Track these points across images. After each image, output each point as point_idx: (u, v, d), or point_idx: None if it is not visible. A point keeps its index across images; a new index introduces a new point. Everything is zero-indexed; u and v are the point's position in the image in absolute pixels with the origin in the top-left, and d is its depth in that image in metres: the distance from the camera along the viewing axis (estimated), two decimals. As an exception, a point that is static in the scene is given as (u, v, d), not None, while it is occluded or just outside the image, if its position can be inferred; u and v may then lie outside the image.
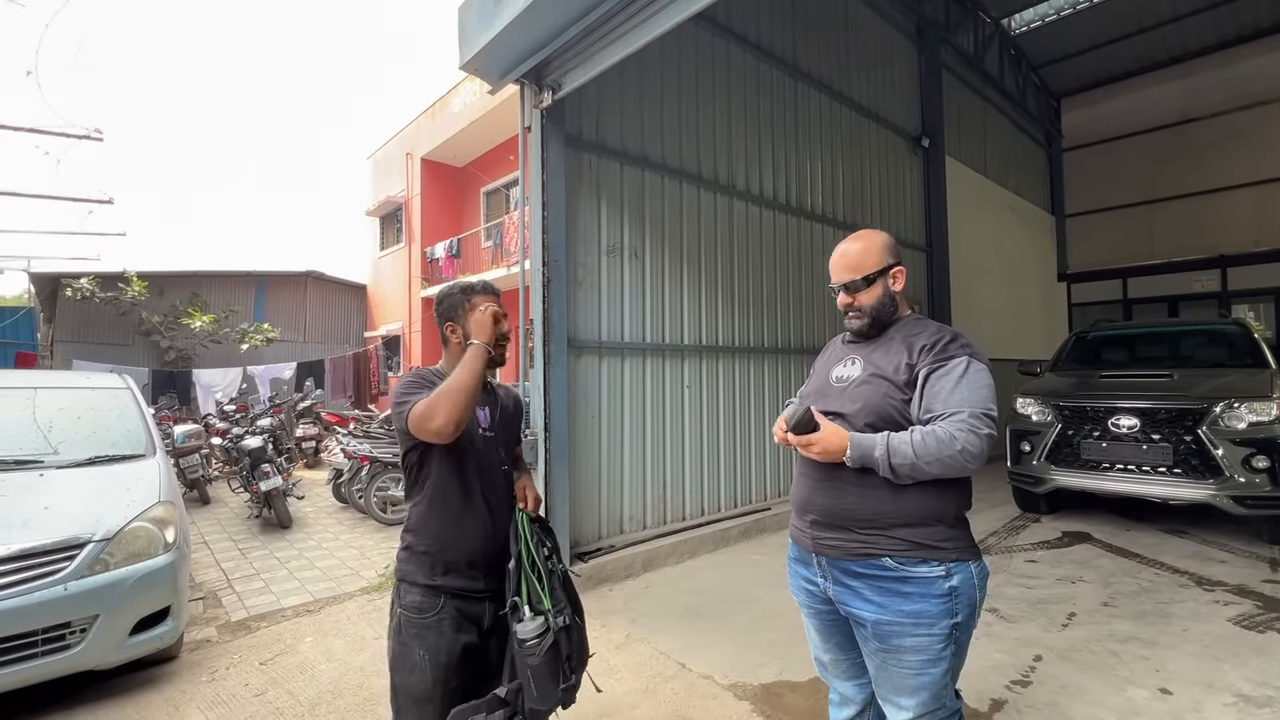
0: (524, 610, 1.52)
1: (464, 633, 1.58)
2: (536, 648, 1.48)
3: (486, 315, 1.64)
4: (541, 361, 3.84)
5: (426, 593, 1.57)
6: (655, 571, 4.28)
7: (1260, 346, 5.17)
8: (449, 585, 1.58)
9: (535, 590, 1.55)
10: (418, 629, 1.55)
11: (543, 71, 3.77)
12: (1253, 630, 3.10)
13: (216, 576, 4.65)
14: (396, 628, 1.59)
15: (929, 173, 8.30)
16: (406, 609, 1.58)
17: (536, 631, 1.49)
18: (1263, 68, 10.84)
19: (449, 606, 1.57)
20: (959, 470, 1.39)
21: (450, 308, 1.71)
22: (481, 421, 1.68)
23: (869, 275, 1.61)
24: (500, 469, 1.70)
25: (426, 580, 1.58)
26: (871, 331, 1.64)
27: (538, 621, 1.50)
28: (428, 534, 1.61)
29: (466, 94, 11.79)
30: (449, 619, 1.56)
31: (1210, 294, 11.37)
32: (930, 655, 1.44)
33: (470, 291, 1.72)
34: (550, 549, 1.65)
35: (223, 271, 15.31)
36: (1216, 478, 4.23)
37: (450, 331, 1.70)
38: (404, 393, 1.58)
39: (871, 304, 1.62)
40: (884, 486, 1.46)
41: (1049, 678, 2.70)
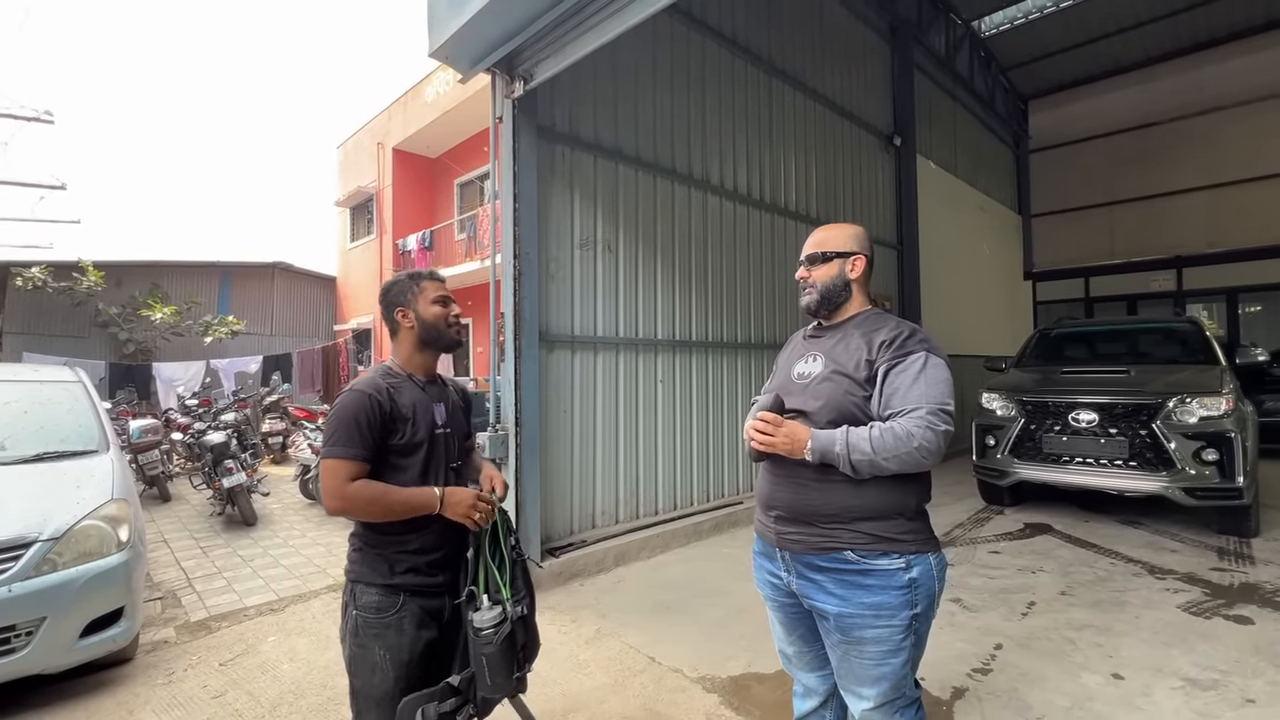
0: (481, 599, 1.50)
1: (425, 629, 1.57)
2: (493, 636, 1.46)
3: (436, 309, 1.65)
4: (513, 355, 3.80)
5: (385, 592, 1.54)
6: (627, 566, 4.28)
7: (1211, 344, 5.37)
8: (407, 583, 1.56)
9: (495, 579, 1.53)
10: (377, 629, 1.53)
11: (514, 61, 3.71)
12: (1200, 617, 3.22)
13: (176, 576, 4.52)
14: (354, 629, 1.55)
15: (901, 171, 8.42)
16: (364, 610, 1.54)
17: (494, 621, 1.47)
18: (1217, 75, 11.24)
19: (409, 604, 1.55)
20: (916, 465, 1.41)
21: (399, 294, 1.67)
22: (438, 418, 1.65)
23: (828, 253, 1.66)
24: (455, 464, 1.68)
25: (384, 580, 1.55)
26: (821, 310, 1.67)
27: (495, 611, 1.48)
28: (383, 534, 1.57)
29: (440, 83, 11.58)
30: (409, 616, 1.54)
31: (1167, 293, 11.78)
32: (890, 646, 1.47)
33: (418, 277, 1.69)
34: (516, 540, 1.65)
35: (185, 262, 14.82)
36: (1169, 470, 4.39)
37: (401, 316, 1.66)
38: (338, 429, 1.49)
39: (824, 281, 1.65)
40: (845, 482, 1.47)
41: (1008, 665, 2.77)
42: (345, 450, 1.46)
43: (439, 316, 1.66)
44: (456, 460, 1.69)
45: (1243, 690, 2.51)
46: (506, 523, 1.66)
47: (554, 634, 3.23)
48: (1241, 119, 11.03)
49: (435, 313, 1.66)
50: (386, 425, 1.53)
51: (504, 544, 1.57)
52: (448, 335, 1.68)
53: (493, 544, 1.58)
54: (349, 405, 1.50)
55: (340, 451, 1.46)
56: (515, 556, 1.60)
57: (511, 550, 1.59)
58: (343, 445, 1.47)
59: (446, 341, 1.68)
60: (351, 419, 1.48)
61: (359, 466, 1.47)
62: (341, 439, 1.47)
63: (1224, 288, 11.25)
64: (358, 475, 1.47)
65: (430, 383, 1.68)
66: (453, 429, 1.69)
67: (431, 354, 1.69)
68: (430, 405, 1.62)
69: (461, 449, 1.74)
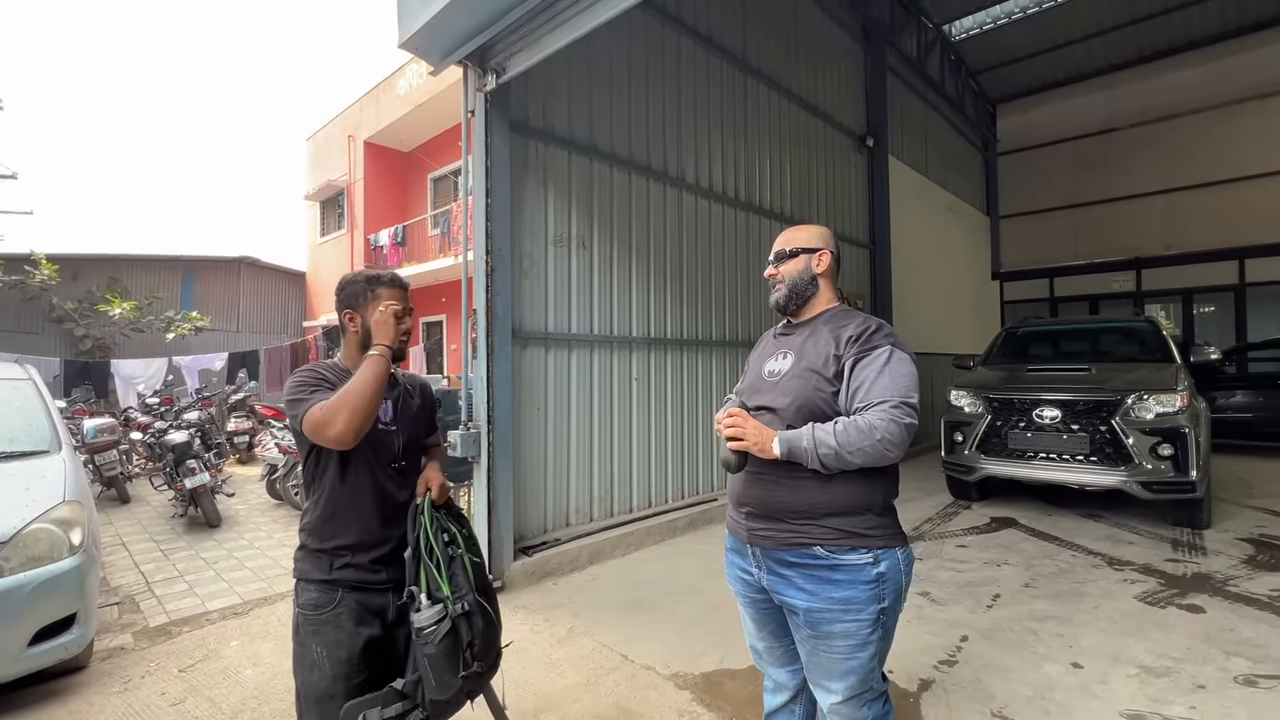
0: (421, 599, 1.48)
1: (365, 626, 1.55)
2: (432, 636, 1.43)
3: (388, 315, 1.56)
4: (485, 353, 3.75)
5: (322, 588, 1.54)
6: (601, 564, 4.27)
7: (1168, 343, 5.55)
8: (346, 579, 1.55)
9: (434, 577, 1.50)
10: (315, 625, 1.52)
11: (486, 54, 3.66)
12: (1155, 606, 3.33)
13: (134, 580, 4.37)
14: (295, 627, 1.56)
15: (873, 171, 8.55)
16: (303, 607, 1.55)
17: (433, 619, 1.45)
18: (1174, 83, 11.66)
19: (347, 600, 1.54)
20: (880, 459, 1.42)
21: (352, 295, 1.64)
22: (382, 415, 1.62)
23: (794, 249, 1.69)
24: (399, 463, 1.65)
25: (322, 576, 1.55)
26: (790, 305, 1.69)
27: (435, 609, 1.46)
28: (324, 532, 1.57)
29: (413, 76, 11.40)
30: (347, 613, 1.53)
31: (1127, 294, 12.19)
32: (859, 640, 1.48)
33: (375, 282, 1.64)
34: (453, 536, 1.60)
35: (146, 255, 14.34)
36: (1127, 465, 4.53)
37: (349, 319, 1.64)
38: (299, 391, 1.52)
39: (791, 275, 1.68)
40: (814, 478, 1.48)
41: (973, 657, 2.83)
42: (310, 400, 1.48)
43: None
44: (400, 460, 1.65)
45: (1193, 677, 2.60)
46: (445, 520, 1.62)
47: (526, 634, 3.20)
48: (1196, 126, 11.46)
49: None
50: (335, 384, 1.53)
51: (436, 541, 1.53)
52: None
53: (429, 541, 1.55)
54: (298, 377, 1.56)
55: (307, 404, 1.47)
56: (454, 554, 1.56)
57: (447, 547, 1.55)
58: (307, 398, 1.49)
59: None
60: (303, 382, 1.54)
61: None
62: (304, 396, 1.50)
63: (1180, 289, 11.69)
64: None
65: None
66: (401, 427, 1.66)
67: None
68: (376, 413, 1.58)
69: (409, 448, 1.70)
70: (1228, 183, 11.09)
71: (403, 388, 1.74)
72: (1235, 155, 11.01)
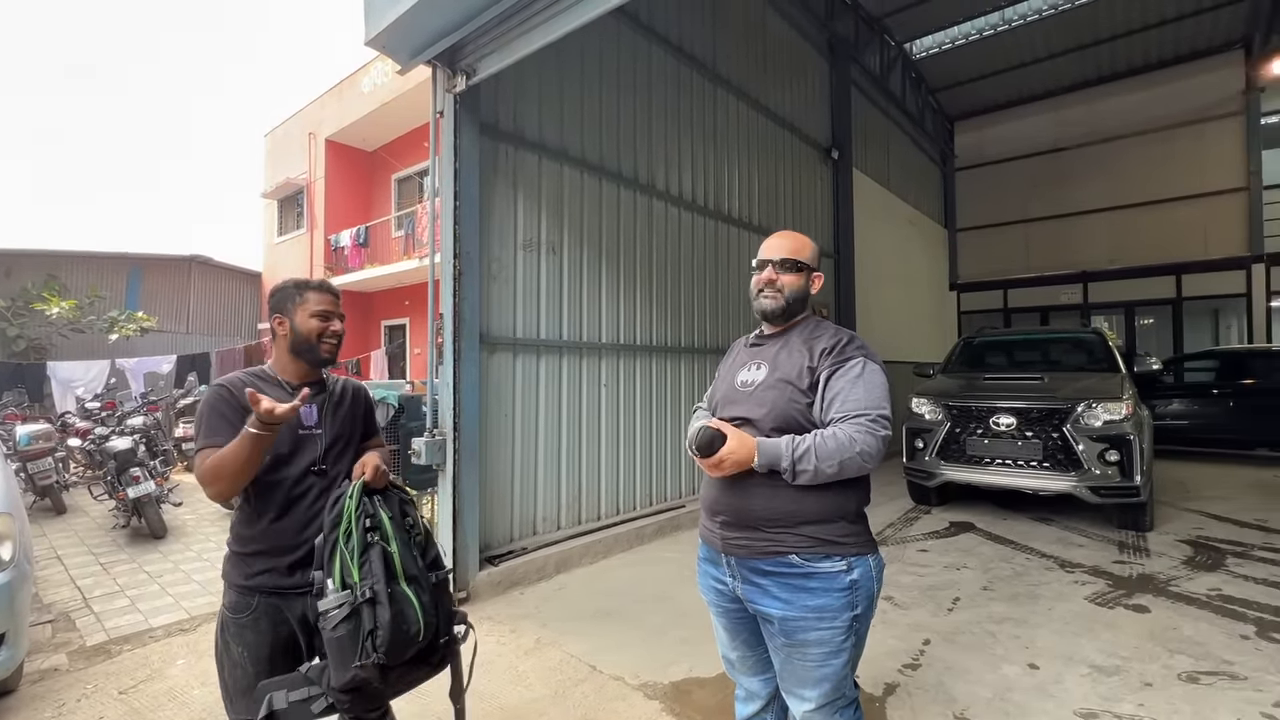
0: (327, 584, 1.45)
1: (283, 627, 1.60)
2: (331, 620, 1.41)
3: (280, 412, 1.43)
4: (452, 358, 3.68)
5: (241, 592, 1.59)
6: (568, 573, 4.22)
7: (1114, 353, 5.82)
8: (262, 585, 1.59)
9: (348, 564, 1.46)
10: (236, 628, 1.58)
11: (457, 54, 3.60)
12: (1104, 607, 3.47)
13: (70, 596, 4.12)
14: (220, 625, 1.61)
15: (838, 183, 8.74)
16: (227, 608, 1.61)
17: (335, 604, 1.42)
18: (1116, 107, 12.30)
19: (263, 605, 1.58)
20: (857, 470, 1.44)
21: (281, 300, 1.68)
22: (305, 419, 1.65)
23: (801, 263, 1.67)
24: (319, 467, 1.64)
25: (241, 580, 1.59)
26: (780, 316, 1.68)
27: (341, 595, 1.42)
28: (244, 537, 1.61)
29: (377, 74, 11.17)
30: (265, 617, 1.58)
31: (1074, 306, 12.75)
32: (832, 647, 1.49)
33: (304, 287, 1.69)
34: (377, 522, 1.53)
35: (87, 252, 13.64)
36: (1077, 470, 4.72)
37: (278, 324, 1.67)
38: (200, 423, 1.55)
39: (793, 289, 1.66)
40: (790, 487, 1.49)
41: (936, 660, 2.89)
42: (206, 440, 1.53)
43: (313, 331, 1.65)
44: (324, 463, 1.65)
45: (1141, 675, 2.71)
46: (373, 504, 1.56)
47: (493, 645, 3.13)
48: (1137, 148, 12.10)
49: (311, 326, 1.65)
50: (243, 416, 1.50)
51: (356, 526, 1.49)
52: (319, 350, 1.67)
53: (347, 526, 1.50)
54: (207, 398, 1.59)
55: (203, 442, 1.53)
56: (372, 540, 1.50)
57: (367, 533, 1.50)
58: (205, 436, 1.53)
59: (316, 355, 1.67)
60: (209, 410, 1.56)
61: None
62: (203, 431, 1.54)
63: (1123, 301, 12.29)
64: None
65: (305, 384, 1.67)
66: (326, 430, 1.68)
67: (304, 363, 1.69)
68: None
69: (335, 451, 1.68)
70: (1166, 202, 11.73)
71: (330, 391, 1.75)
72: (1173, 177, 11.66)
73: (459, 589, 3.61)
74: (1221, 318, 12.60)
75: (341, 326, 1.72)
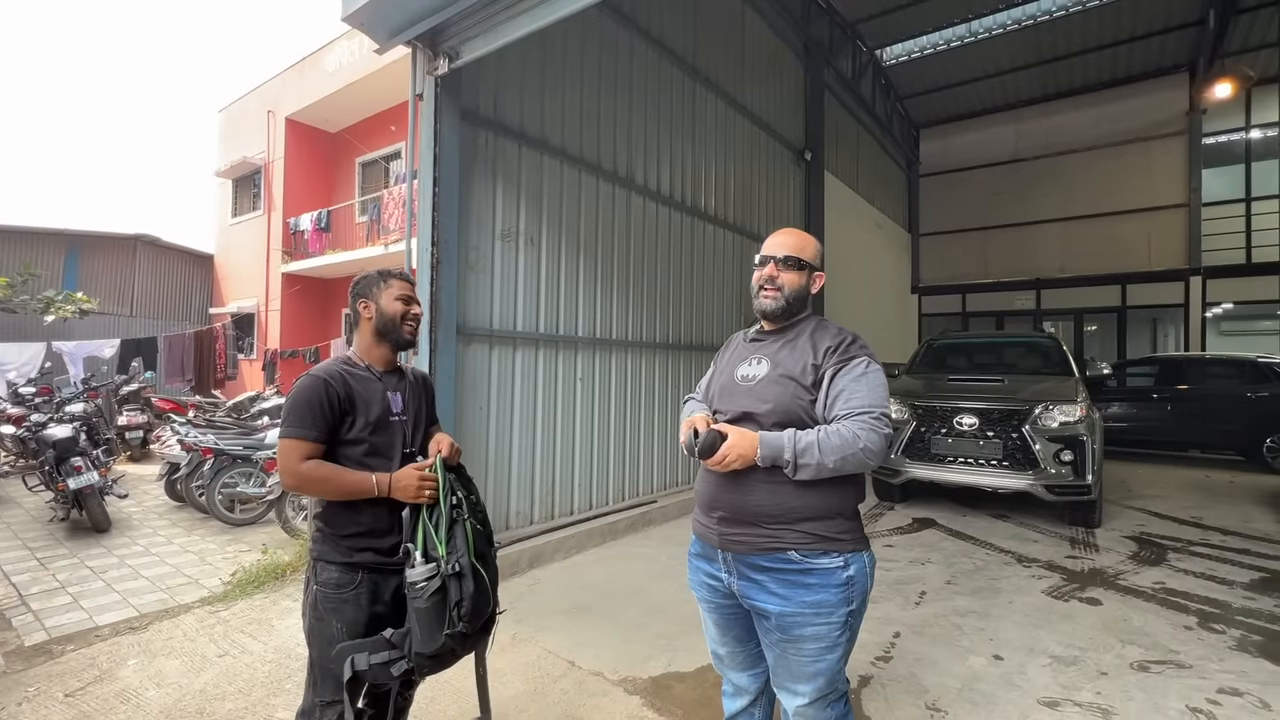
0: (416, 556, 1.53)
1: (379, 604, 1.64)
2: (423, 591, 1.49)
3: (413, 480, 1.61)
4: (428, 348, 3.58)
5: (344, 569, 1.62)
6: (542, 568, 4.18)
7: (1068, 357, 6.09)
8: (365, 561, 1.63)
9: (431, 537, 1.56)
10: (335, 604, 1.60)
11: (440, 36, 3.50)
12: (1060, 600, 3.63)
13: (4, 593, 3.87)
14: (313, 603, 1.63)
15: (809, 184, 8.87)
16: (324, 585, 1.61)
17: (425, 575, 1.50)
18: (1071, 122, 12.85)
19: (366, 580, 1.62)
20: (860, 466, 1.46)
21: (366, 286, 1.77)
22: (394, 406, 1.72)
23: (803, 261, 1.67)
24: (411, 449, 1.73)
25: (343, 558, 1.62)
26: (780, 316, 1.67)
27: (428, 566, 1.51)
28: (339, 520, 1.64)
29: (343, 53, 10.77)
30: (365, 593, 1.62)
31: (1028, 311, 13.29)
32: (828, 642, 1.51)
33: (388, 275, 1.79)
34: (460, 500, 1.64)
35: (20, 227, 12.77)
36: (1034, 469, 4.92)
37: (364, 308, 1.75)
38: (296, 412, 1.59)
39: (793, 288, 1.66)
40: (790, 483, 1.50)
41: (906, 652, 2.97)
42: (300, 430, 1.56)
43: (397, 313, 1.74)
44: (412, 446, 1.74)
45: (1097, 664, 2.84)
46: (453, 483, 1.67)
47: (467, 642, 3.07)
48: (1089, 163, 12.67)
49: (395, 309, 1.74)
50: (342, 409, 1.62)
51: (443, 501, 1.60)
52: (401, 331, 1.76)
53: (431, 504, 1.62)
54: (306, 388, 1.61)
55: (295, 431, 1.56)
56: (457, 516, 1.60)
57: (453, 510, 1.60)
58: (297, 426, 1.57)
59: (399, 337, 1.76)
60: (306, 401, 1.59)
61: (313, 446, 1.57)
62: (295, 420, 1.57)
63: (1072, 308, 12.88)
64: (312, 455, 1.57)
65: (388, 373, 1.77)
66: (410, 417, 1.76)
67: (388, 346, 1.77)
68: (385, 394, 1.71)
69: (420, 436, 1.79)
70: (1114, 215, 12.33)
71: (409, 379, 1.82)
72: (1121, 191, 12.26)
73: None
74: (1159, 326, 13.34)
75: (420, 310, 1.84)
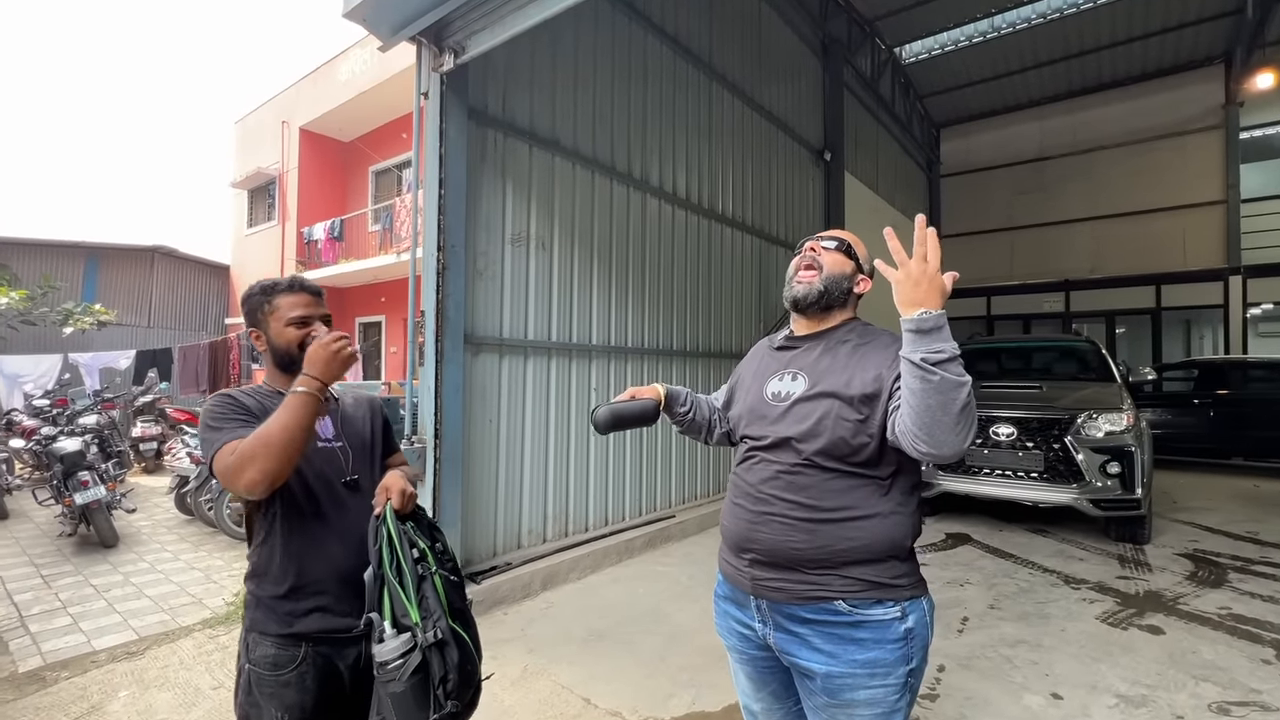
0: (384, 627, 1.23)
1: (333, 680, 1.34)
2: (398, 671, 1.20)
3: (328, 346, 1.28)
4: (434, 359, 3.40)
5: (283, 644, 1.32)
6: (556, 590, 3.96)
7: (1109, 363, 5.75)
8: (309, 630, 1.33)
9: (400, 600, 1.25)
10: (273, 687, 1.30)
11: (444, 30, 3.33)
12: (1117, 628, 3.33)
13: (5, 613, 3.76)
14: (246, 685, 1.32)
15: (829, 185, 8.61)
16: (257, 665, 1.31)
17: (399, 651, 1.21)
18: (1100, 118, 12.41)
19: (311, 655, 1.32)
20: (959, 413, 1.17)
21: (250, 311, 1.45)
22: (322, 432, 1.43)
23: (852, 250, 1.51)
24: (351, 478, 1.44)
25: (281, 629, 1.32)
26: (814, 305, 1.45)
27: (401, 639, 1.22)
28: (276, 574, 1.34)
29: (355, 62, 10.75)
30: (312, 671, 1.32)
31: (1056, 314, 12.84)
32: (885, 708, 1.27)
33: (270, 291, 1.43)
34: (423, 551, 1.34)
35: (40, 240, 12.95)
36: (1079, 482, 4.61)
37: (255, 339, 1.46)
38: (210, 424, 1.30)
39: (834, 272, 1.46)
40: (834, 520, 1.27)
41: (954, 689, 2.71)
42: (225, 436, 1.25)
43: (292, 341, 1.41)
44: (354, 475, 1.45)
45: (1170, 705, 2.55)
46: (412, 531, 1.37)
47: (474, 674, 2.87)
48: (1119, 159, 12.22)
49: (288, 337, 1.41)
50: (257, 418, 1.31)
51: (404, 557, 1.29)
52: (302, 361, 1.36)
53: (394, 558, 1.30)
54: (214, 405, 1.35)
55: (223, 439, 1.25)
56: (424, 571, 1.30)
57: (416, 564, 1.31)
58: (221, 435, 1.26)
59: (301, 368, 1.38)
60: (220, 415, 1.31)
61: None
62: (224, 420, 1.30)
63: (1103, 310, 12.40)
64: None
65: None
66: (347, 443, 1.47)
67: (295, 376, 1.37)
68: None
69: (370, 464, 1.51)
70: (1146, 213, 11.87)
71: (342, 404, 1.54)
72: (1153, 188, 11.80)
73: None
74: (1194, 328, 12.82)
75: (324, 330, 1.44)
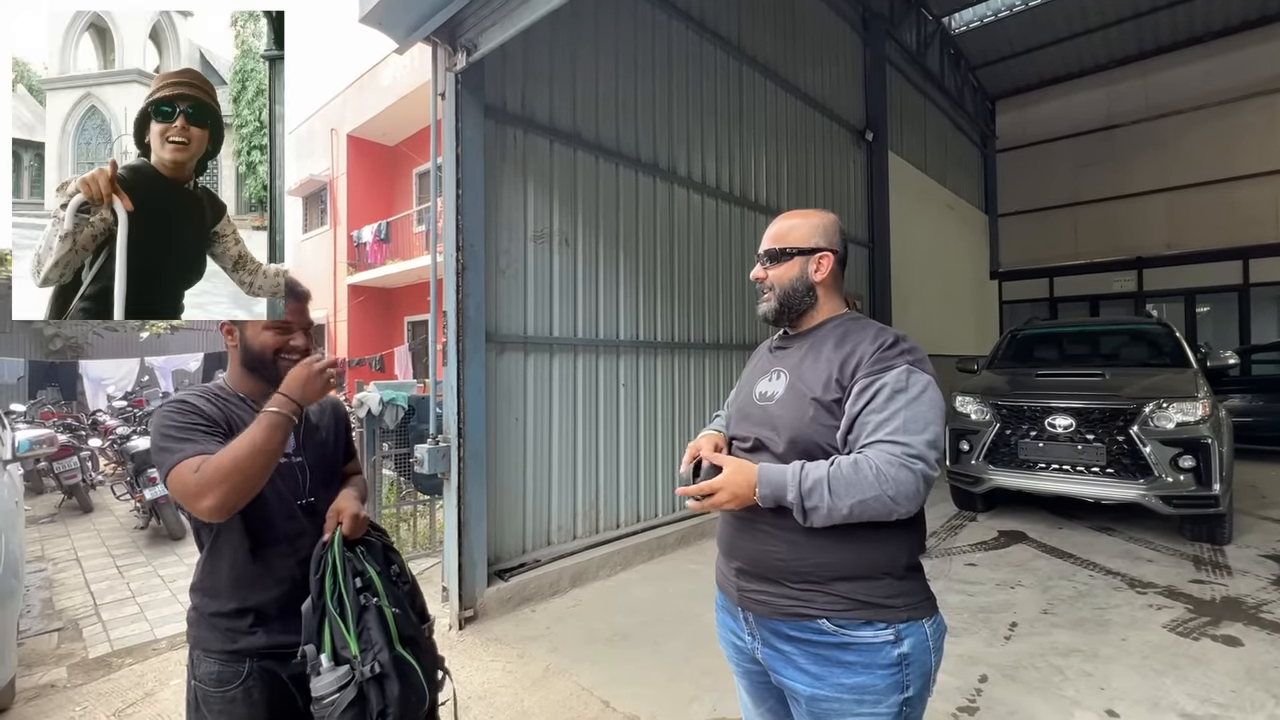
0: (320, 660, 1.22)
1: (279, 695, 1.32)
2: (333, 707, 1.18)
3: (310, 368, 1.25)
4: (455, 359, 3.43)
5: (227, 660, 1.29)
6: (584, 587, 3.96)
7: (1184, 347, 5.28)
8: (254, 647, 1.30)
9: (340, 632, 1.23)
10: (220, 704, 1.29)
11: (457, 29, 3.33)
12: (1187, 638, 3.05)
13: (82, 601, 4.05)
14: (194, 702, 1.31)
15: (872, 167, 8.24)
16: (203, 681, 1.30)
17: (335, 686, 1.19)
18: (1176, 79, 11.40)
19: (256, 671, 1.30)
20: (883, 514, 1.10)
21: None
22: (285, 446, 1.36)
23: (787, 249, 1.35)
24: (307, 500, 1.39)
25: (225, 645, 1.30)
26: (780, 319, 1.38)
27: (338, 673, 1.20)
28: (221, 591, 1.32)
29: (395, 67, 11.02)
30: (259, 686, 1.30)
31: (1128, 294, 11.94)
32: (876, 737, 1.18)
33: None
34: (368, 580, 1.31)
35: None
36: (1146, 477, 4.26)
37: (225, 332, 1.37)
38: (173, 432, 1.22)
39: (782, 283, 1.35)
40: (820, 531, 1.17)
41: (996, 702, 2.54)
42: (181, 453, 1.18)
43: (268, 348, 1.35)
44: (309, 496, 1.39)
45: (1244, 727, 2.32)
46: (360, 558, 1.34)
47: (498, 673, 2.89)
48: (1197, 124, 11.22)
49: (264, 341, 1.35)
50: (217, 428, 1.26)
51: (346, 587, 1.26)
52: (275, 369, 1.34)
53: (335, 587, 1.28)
54: (167, 413, 1.25)
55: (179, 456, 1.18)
56: (366, 602, 1.27)
57: (359, 594, 1.27)
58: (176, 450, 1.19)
59: (274, 375, 1.33)
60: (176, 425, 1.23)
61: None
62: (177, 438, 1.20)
63: (1181, 289, 11.45)
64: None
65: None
66: (306, 458, 1.41)
67: (264, 382, 1.37)
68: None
69: (319, 481, 1.44)
70: (1230, 181, 10.85)
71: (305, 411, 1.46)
72: (1238, 153, 10.77)
73: (465, 606, 3.38)
74: (1290, 305, 11.69)
75: (305, 341, 1.38)
